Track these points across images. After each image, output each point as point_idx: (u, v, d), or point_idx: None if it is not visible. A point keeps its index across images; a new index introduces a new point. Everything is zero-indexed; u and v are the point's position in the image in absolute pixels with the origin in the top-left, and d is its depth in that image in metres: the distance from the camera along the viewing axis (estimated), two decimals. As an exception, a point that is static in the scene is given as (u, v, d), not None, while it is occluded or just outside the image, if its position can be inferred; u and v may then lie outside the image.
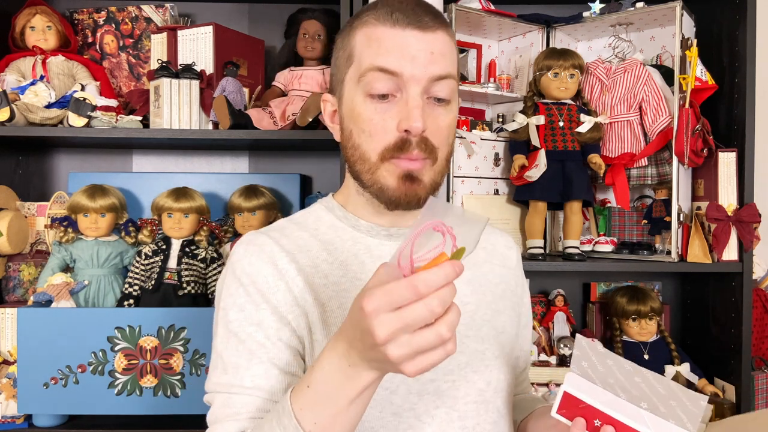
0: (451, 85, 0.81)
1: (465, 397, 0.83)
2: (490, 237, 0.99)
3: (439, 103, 0.81)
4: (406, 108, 0.77)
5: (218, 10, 1.76)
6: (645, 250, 1.55)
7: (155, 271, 1.50)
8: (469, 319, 0.87)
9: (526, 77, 1.69)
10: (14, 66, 1.57)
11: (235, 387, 0.78)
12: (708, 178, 1.55)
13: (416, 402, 0.80)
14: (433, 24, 0.79)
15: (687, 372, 1.55)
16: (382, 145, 0.79)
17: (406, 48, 0.77)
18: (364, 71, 0.79)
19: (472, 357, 0.85)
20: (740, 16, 1.50)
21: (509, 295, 0.95)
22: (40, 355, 1.32)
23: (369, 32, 0.80)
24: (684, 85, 1.45)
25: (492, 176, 1.63)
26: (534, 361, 1.57)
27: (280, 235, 0.86)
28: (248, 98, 1.55)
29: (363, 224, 0.88)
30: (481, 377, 0.84)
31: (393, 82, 0.78)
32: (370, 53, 0.79)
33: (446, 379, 0.82)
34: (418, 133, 0.77)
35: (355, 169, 0.83)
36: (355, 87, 0.81)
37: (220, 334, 0.82)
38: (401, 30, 0.78)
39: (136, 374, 1.34)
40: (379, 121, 0.79)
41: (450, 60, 0.81)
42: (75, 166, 1.75)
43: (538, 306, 1.72)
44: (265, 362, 0.78)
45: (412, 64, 0.77)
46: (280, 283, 0.81)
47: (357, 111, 0.80)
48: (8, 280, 1.59)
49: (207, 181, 1.69)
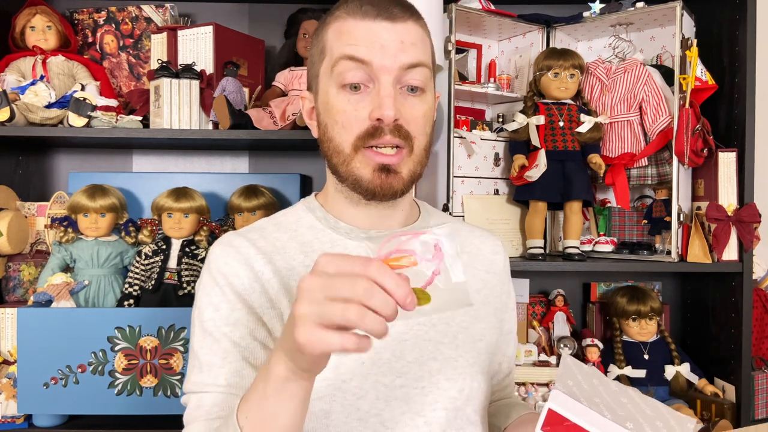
0: (424, 73, 0.81)
1: (434, 403, 0.82)
2: (475, 240, 0.98)
3: (413, 92, 0.81)
4: (378, 97, 0.78)
5: (218, 10, 1.76)
6: (645, 250, 1.55)
7: (155, 271, 1.50)
8: (445, 325, 0.86)
9: (526, 77, 1.69)
10: (14, 66, 1.57)
11: (209, 386, 0.78)
12: (708, 178, 1.55)
13: (383, 408, 0.80)
14: (402, 14, 0.80)
15: (687, 372, 1.55)
16: (355, 136, 0.79)
17: (375, 38, 0.78)
18: (335, 61, 0.80)
19: (444, 364, 0.84)
20: (740, 16, 1.50)
21: (492, 300, 0.95)
22: (40, 355, 1.32)
23: (339, 25, 0.81)
24: (684, 85, 1.45)
25: (492, 176, 1.63)
26: (534, 361, 1.57)
27: (258, 236, 0.86)
28: (248, 98, 1.55)
29: (342, 226, 0.88)
30: (454, 385, 0.84)
31: (364, 72, 0.78)
32: (340, 44, 0.80)
33: (416, 386, 0.82)
34: (390, 121, 0.78)
35: (332, 163, 0.84)
36: (328, 79, 0.81)
37: (196, 333, 0.82)
38: (371, 21, 0.79)
39: (136, 374, 1.34)
40: (352, 111, 0.79)
41: (421, 49, 0.81)
42: (75, 166, 1.75)
43: (538, 306, 1.72)
44: (240, 360, 0.79)
45: (382, 54, 0.78)
46: (255, 284, 0.82)
47: (330, 103, 0.81)
48: (8, 280, 1.59)
49: (207, 181, 1.69)
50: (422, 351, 0.83)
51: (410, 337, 0.84)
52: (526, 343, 1.62)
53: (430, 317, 0.86)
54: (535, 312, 1.71)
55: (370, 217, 0.87)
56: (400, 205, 0.88)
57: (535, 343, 1.62)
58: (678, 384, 1.54)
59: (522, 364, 1.56)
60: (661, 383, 1.55)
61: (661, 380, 1.55)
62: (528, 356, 1.57)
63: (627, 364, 1.55)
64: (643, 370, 1.54)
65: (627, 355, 1.57)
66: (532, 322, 1.68)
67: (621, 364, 1.55)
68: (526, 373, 1.54)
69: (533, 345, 1.60)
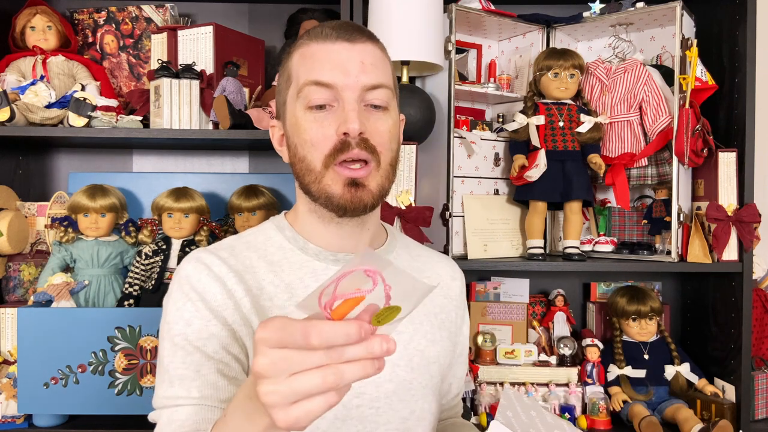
0: (386, 93, 0.84)
1: (387, 424, 0.86)
2: (435, 266, 1.02)
3: (376, 109, 0.83)
4: (343, 113, 0.80)
5: (218, 10, 1.76)
6: (645, 250, 1.56)
7: (155, 271, 1.50)
8: (402, 348, 0.89)
9: (526, 77, 1.69)
10: (14, 66, 1.57)
11: (181, 398, 0.78)
12: (708, 178, 1.55)
13: (340, 426, 0.83)
14: (360, 36, 0.83)
15: (687, 372, 1.55)
16: (325, 153, 0.81)
17: (337, 59, 0.81)
18: (301, 86, 0.83)
19: (399, 386, 0.87)
20: (740, 16, 1.50)
21: (448, 325, 0.98)
22: (40, 355, 1.32)
23: (303, 51, 0.84)
24: (684, 85, 1.45)
25: (492, 176, 1.63)
26: (534, 361, 1.57)
27: (228, 254, 0.87)
28: (248, 98, 1.55)
29: (311, 248, 0.89)
30: (406, 406, 0.88)
31: (329, 93, 0.81)
32: (305, 69, 0.83)
33: (371, 406, 0.85)
34: (356, 134, 0.80)
35: (304, 183, 0.85)
36: (295, 103, 0.84)
37: (165, 348, 0.81)
38: (331, 44, 0.82)
39: (136, 374, 1.34)
40: (319, 128, 0.81)
41: (382, 70, 0.84)
42: (75, 166, 1.75)
43: (538, 306, 1.72)
44: (214, 373, 0.78)
45: (344, 75, 0.81)
46: (228, 301, 0.82)
47: (298, 124, 0.83)
48: (8, 280, 1.59)
49: (207, 181, 1.69)
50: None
51: None
52: (526, 343, 1.62)
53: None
54: (535, 312, 1.71)
55: (341, 237, 0.88)
56: (367, 223, 0.90)
57: (535, 343, 1.62)
58: (678, 384, 1.54)
59: (522, 364, 1.56)
60: (661, 383, 1.55)
61: (661, 380, 1.55)
62: (528, 356, 1.57)
63: (627, 364, 1.56)
64: (643, 370, 1.54)
65: (627, 355, 1.57)
66: (532, 322, 1.68)
67: (621, 364, 1.56)
68: (526, 373, 1.54)
69: (533, 345, 1.60)
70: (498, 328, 1.68)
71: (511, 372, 1.54)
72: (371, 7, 1.46)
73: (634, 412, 1.47)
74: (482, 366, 1.55)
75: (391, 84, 0.86)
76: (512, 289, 1.72)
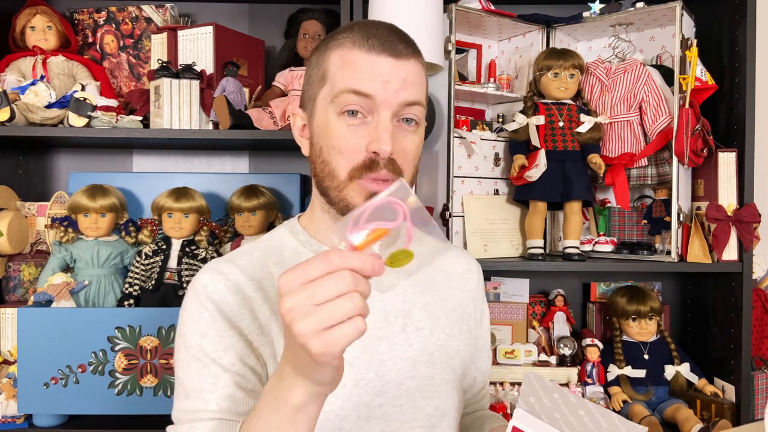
0: (420, 110, 0.84)
1: (411, 421, 0.86)
2: (451, 260, 1.01)
3: (408, 123, 0.83)
4: (377, 131, 0.79)
5: (218, 10, 1.76)
6: (645, 250, 1.55)
7: (155, 271, 1.50)
8: (422, 344, 0.89)
9: (526, 77, 1.69)
10: (14, 66, 1.57)
11: (200, 412, 0.77)
12: (708, 178, 1.55)
13: (363, 426, 0.83)
14: (406, 52, 0.82)
15: (687, 372, 1.55)
16: (351, 164, 0.80)
17: (379, 73, 0.80)
18: (337, 92, 0.81)
19: (421, 382, 0.87)
20: (740, 16, 1.50)
21: (466, 318, 0.98)
22: (40, 355, 1.32)
23: (344, 54, 0.82)
24: (684, 85, 1.45)
25: (492, 176, 1.63)
26: (534, 361, 1.57)
27: (247, 262, 0.86)
28: (248, 98, 1.55)
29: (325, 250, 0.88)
30: (430, 402, 0.88)
31: (365, 103, 0.80)
32: (344, 75, 0.81)
33: (394, 404, 0.85)
34: (387, 155, 0.79)
35: (324, 185, 0.84)
36: (328, 106, 0.82)
37: (182, 360, 0.81)
38: (376, 56, 0.80)
39: (136, 374, 1.34)
40: (350, 139, 0.80)
41: (420, 88, 0.84)
42: (75, 166, 1.75)
43: (538, 306, 1.72)
44: (232, 385, 0.78)
45: (384, 89, 0.79)
46: (245, 311, 0.82)
47: (329, 128, 0.82)
48: (8, 280, 1.59)
49: (207, 181, 1.69)
50: (400, 370, 0.86)
51: (389, 358, 0.86)
52: (526, 343, 1.62)
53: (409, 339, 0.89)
54: (535, 312, 1.71)
55: None
56: None
57: (535, 343, 1.63)
58: (678, 384, 1.54)
59: (522, 364, 1.56)
60: (661, 383, 1.55)
61: (660, 380, 1.55)
62: (528, 356, 1.57)
63: (627, 364, 1.56)
64: (642, 370, 1.54)
65: (627, 355, 1.57)
66: (532, 322, 1.68)
67: (621, 364, 1.56)
68: (526, 373, 1.54)
69: (533, 345, 1.60)
70: (498, 328, 1.68)
71: (511, 372, 1.54)
72: (371, 7, 1.46)
73: (634, 412, 1.47)
74: (482, 366, 1.55)
75: (425, 100, 0.86)
76: (512, 289, 1.72)
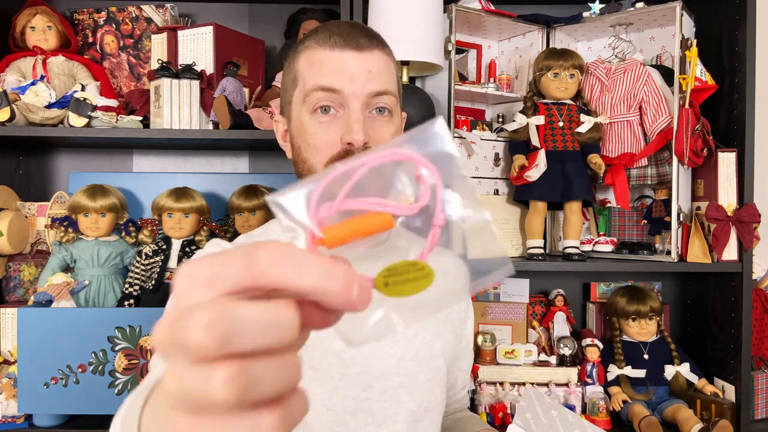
0: (390, 99, 0.86)
1: (395, 416, 0.87)
2: (439, 258, 1.01)
3: (381, 113, 0.86)
4: (348, 122, 0.83)
5: (218, 10, 1.76)
6: (645, 250, 1.55)
7: (155, 271, 1.50)
8: (408, 342, 0.91)
9: (526, 77, 1.69)
10: (14, 66, 1.57)
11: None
12: (708, 178, 1.55)
13: (349, 419, 0.84)
14: (369, 44, 0.85)
15: (687, 372, 1.55)
16: (327, 158, 0.84)
17: (344, 68, 0.83)
18: (308, 92, 0.85)
19: (406, 379, 0.89)
20: (740, 16, 1.50)
21: (452, 318, 1.00)
22: (40, 355, 1.33)
23: (310, 55, 0.86)
24: (684, 85, 1.45)
25: (492, 176, 1.63)
26: (534, 361, 1.57)
27: None
28: (248, 98, 1.55)
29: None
30: (413, 399, 0.89)
31: (335, 98, 0.84)
32: (312, 74, 0.85)
33: (379, 399, 0.87)
34: (360, 145, 0.82)
35: None
36: (301, 107, 0.86)
37: None
38: (339, 51, 0.84)
39: (137, 374, 1.34)
40: (323, 134, 0.84)
41: (387, 77, 0.86)
42: (75, 166, 1.75)
43: (537, 306, 1.72)
44: None
45: (351, 82, 0.83)
46: None
47: (303, 127, 0.86)
48: (8, 280, 1.59)
49: (207, 181, 1.69)
50: (387, 366, 0.88)
51: (376, 353, 0.88)
52: (526, 343, 1.62)
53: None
54: (534, 312, 1.71)
55: None
56: None
57: (535, 343, 1.62)
58: (678, 384, 1.54)
59: (522, 364, 1.56)
60: (661, 383, 1.55)
61: (660, 380, 1.55)
62: (528, 356, 1.57)
63: (627, 364, 1.56)
64: (642, 370, 1.54)
65: (627, 355, 1.57)
66: (532, 322, 1.68)
67: (621, 364, 1.56)
68: (526, 373, 1.54)
69: (533, 345, 1.60)
70: (498, 328, 1.68)
71: (511, 372, 1.54)
72: (371, 7, 1.46)
73: (634, 412, 1.47)
74: (482, 366, 1.55)
75: (396, 90, 0.89)
76: (512, 289, 1.73)
